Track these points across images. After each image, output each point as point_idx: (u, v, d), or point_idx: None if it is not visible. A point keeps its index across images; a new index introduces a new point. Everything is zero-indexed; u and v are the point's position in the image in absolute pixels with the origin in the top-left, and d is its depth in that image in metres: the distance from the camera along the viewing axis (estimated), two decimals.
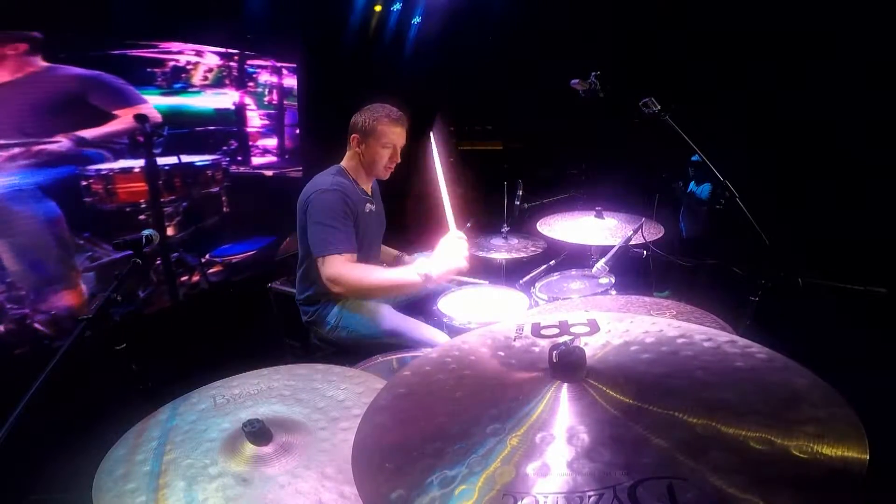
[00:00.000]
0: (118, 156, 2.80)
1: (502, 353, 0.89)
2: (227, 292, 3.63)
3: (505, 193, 2.66)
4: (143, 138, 2.85)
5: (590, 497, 0.56)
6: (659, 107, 1.96)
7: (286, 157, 3.83)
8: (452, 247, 1.84)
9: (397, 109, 2.00)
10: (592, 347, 0.84)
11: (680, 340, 0.83)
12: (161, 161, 3.00)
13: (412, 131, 2.10)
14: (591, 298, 1.82)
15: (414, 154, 2.22)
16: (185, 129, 3.05)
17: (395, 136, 1.98)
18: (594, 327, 0.85)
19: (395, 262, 2.37)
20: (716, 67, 3.79)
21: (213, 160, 3.36)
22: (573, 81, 2.25)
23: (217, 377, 1.16)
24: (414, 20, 4.44)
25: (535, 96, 4.33)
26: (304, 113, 4.23)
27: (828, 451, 0.57)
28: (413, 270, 1.83)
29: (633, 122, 2.07)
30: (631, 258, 2.11)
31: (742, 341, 0.81)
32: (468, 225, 2.83)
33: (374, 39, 4.33)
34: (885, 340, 2.42)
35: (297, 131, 3.89)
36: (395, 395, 0.84)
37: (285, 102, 3.73)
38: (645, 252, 2.09)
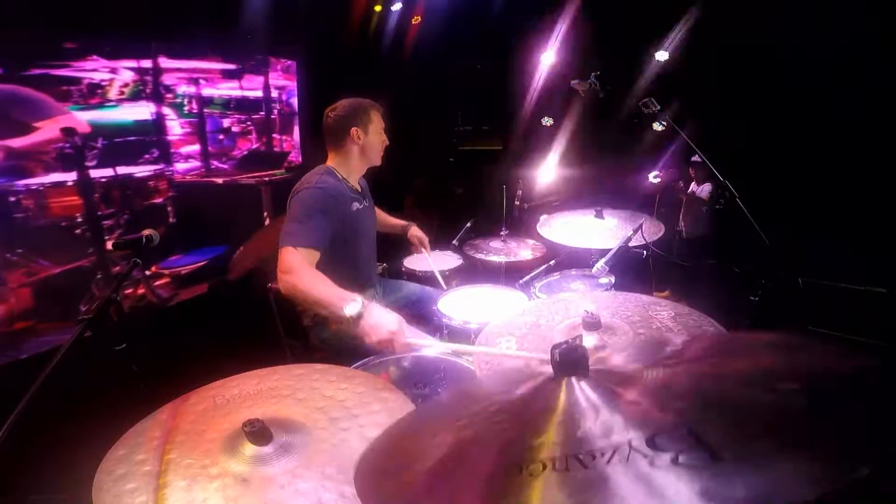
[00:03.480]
0: (49, 170, 2.77)
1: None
2: (226, 292, 3.63)
3: (505, 193, 2.66)
4: (74, 151, 2.84)
5: (603, 454, 0.51)
6: (659, 107, 1.96)
7: (210, 162, 3.85)
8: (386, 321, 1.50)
9: None
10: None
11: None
12: (98, 174, 3.01)
13: (412, 132, 2.12)
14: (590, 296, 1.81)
15: (414, 154, 2.23)
16: (105, 141, 3.08)
17: (382, 120, 2.11)
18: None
19: (402, 232, 2.54)
20: (716, 68, 3.79)
21: (155, 170, 3.37)
22: (573, 82, 2.25)
23: (217, 377, 1.16)
24: (414, 20, 4.44)
25: (535, 96, 4.33)
26: (303, 113, 4.24)
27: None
28: (349, 306, 1.52)
29: (632, 122, 2.07)
30: (631, 258, 2.11)
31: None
32: (469, 224, 2.84)
33: (374, 39, 4.33)
34: (886, 340, 2.42)
35: (221, 136, 3.93)
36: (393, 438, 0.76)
37: (206, 111, 3.79)
38: (645, 252, 2.09)
